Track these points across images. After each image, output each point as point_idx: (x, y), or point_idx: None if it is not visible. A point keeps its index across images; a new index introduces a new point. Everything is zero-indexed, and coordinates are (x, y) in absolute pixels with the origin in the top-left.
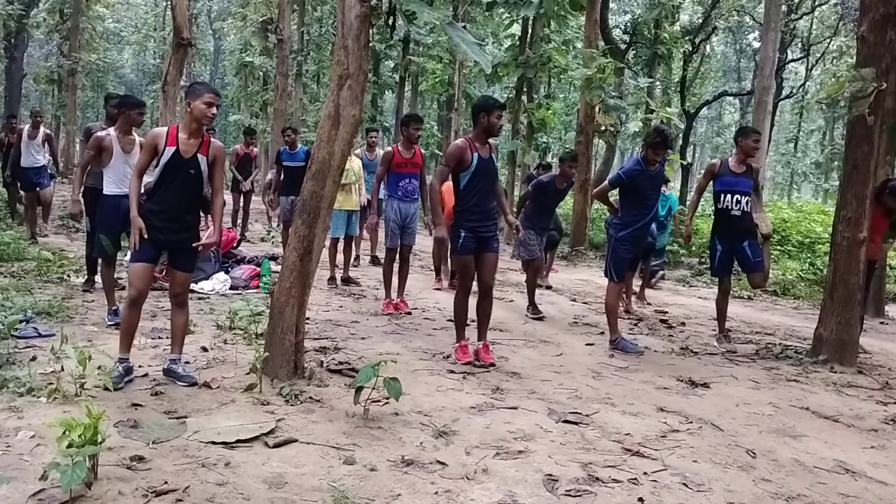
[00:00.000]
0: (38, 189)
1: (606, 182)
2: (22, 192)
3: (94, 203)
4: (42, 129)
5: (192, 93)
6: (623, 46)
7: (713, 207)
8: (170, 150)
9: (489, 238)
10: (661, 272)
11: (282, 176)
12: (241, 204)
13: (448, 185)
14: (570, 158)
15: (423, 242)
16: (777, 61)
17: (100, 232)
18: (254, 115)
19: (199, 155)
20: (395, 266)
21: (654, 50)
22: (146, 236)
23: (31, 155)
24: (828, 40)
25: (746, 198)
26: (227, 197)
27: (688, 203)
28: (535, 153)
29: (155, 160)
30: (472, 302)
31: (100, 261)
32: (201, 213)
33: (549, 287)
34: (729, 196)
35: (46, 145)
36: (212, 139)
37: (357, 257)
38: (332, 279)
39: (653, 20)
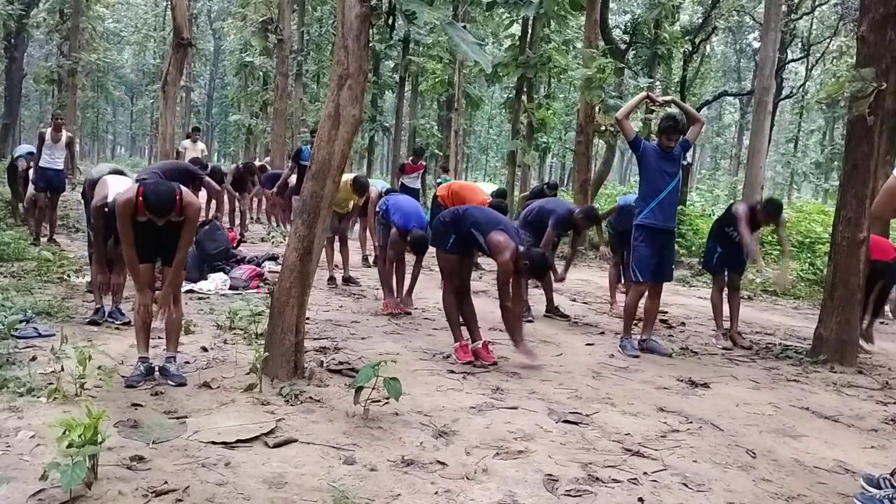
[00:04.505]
0: (48, 193)
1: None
2: (33, 192)
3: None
4: (64, 132)
5: None
6: (623, 46)
7: (715, 217)
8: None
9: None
10: None
11: (294, 174)
12: (239, 204)
13: (460, 184)
14: (588, 218)
15: None
16: (777, 61)
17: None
18: (254, 115)
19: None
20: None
21: (654, 50)
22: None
23: (52, 157)
24: (828, 40)
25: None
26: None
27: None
28: (535, 153)
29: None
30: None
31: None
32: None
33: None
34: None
35: (68, 149)
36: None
37: (364, 258)
38: (331, 279)
39: (653, 20)
